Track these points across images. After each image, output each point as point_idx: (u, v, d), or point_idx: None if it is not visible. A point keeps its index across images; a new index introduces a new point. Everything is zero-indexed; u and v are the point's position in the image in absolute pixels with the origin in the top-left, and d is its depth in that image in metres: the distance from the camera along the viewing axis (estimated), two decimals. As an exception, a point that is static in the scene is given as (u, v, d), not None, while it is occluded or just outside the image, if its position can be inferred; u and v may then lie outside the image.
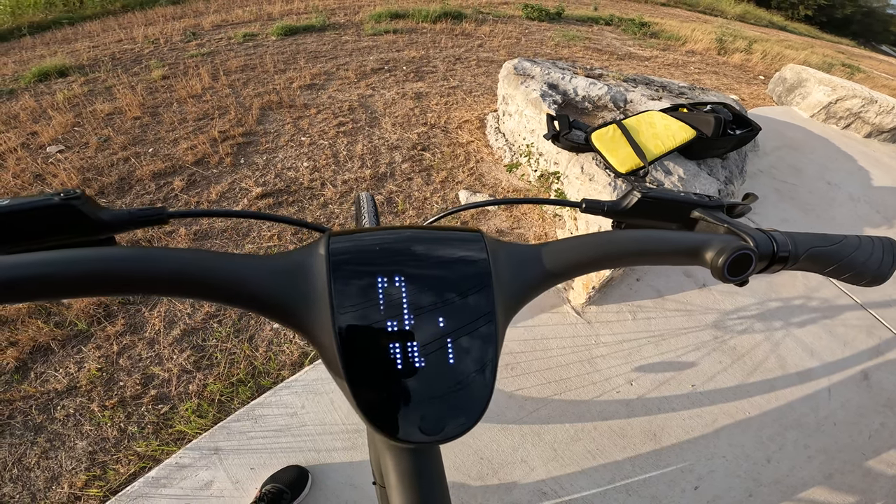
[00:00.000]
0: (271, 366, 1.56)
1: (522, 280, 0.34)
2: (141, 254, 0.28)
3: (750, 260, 0.35)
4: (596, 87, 2.55)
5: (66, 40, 4.90)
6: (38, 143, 2.62)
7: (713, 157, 2.21)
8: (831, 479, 1.49)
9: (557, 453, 1.43)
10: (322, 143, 2.72)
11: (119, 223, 0.38)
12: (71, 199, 0.34)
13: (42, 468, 1.30)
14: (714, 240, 0.36)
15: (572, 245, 0.36)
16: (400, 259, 0.31)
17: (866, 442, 1.60)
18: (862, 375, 1.80)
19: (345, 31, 4.87)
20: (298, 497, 1.20)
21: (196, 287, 0.29)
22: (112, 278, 0.27)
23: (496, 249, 0.34)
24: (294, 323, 0.31)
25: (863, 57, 10.81)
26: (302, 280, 0.31)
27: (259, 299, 0.30)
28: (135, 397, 1.46)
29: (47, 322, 1.62)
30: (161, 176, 2.37)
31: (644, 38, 6.44)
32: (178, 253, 0.29)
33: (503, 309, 0.32)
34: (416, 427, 0.29)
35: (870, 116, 3.68)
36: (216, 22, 5.10)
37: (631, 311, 1.86)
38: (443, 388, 0.30)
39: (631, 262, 0.38)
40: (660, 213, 0.46)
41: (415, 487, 0.33)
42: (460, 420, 0.30)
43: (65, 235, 0.36)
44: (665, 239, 0.37)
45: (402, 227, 0.34)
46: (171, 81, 3.42)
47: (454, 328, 0.30)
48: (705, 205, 0.45)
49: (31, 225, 0.34)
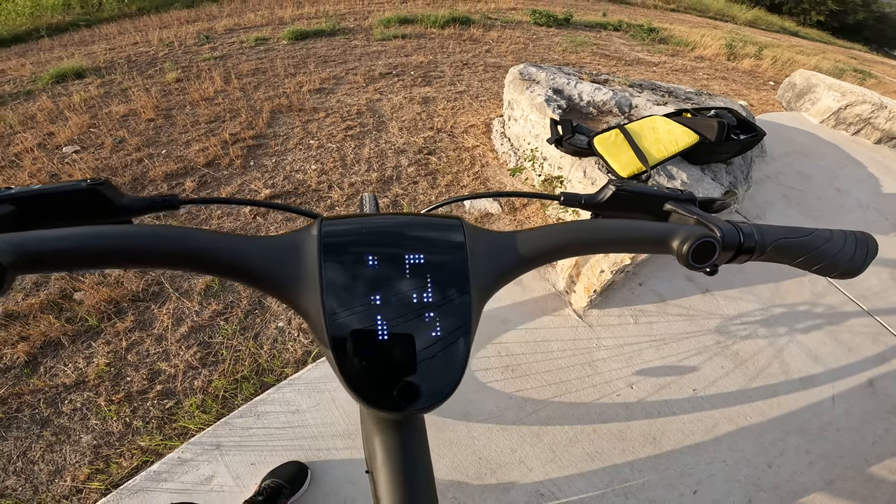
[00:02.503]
0: (275, 363, 1.59)
1: (497, 263, 0.37)
2: (155, 231, 0.31)
3: (713, 248, 0.37)
4: (601, 92, 2.56)
5: (84, 42, 5.01)
6: (55, 144, 2.68)
7: (717, 162, 2.20)
8: (832, 484, 1.48)
9: (556, 455, 1.43)
10: (330, 147, 2.76)
11: (137, 207, 0.43)
12: (97, 184, 0.39)
13: (46, 461, 1.33)
14: (681, 229, 0.38)
15: (546, 232, 0.38)
16: (384, 241, 0.34)
17: (869, 448, 1.59)
18: (867, 382, 1.79)
19: (354, 35, 4.92)
20: (297, 492, 1.22)
21: (202, 262, 0.32)
22: (129, 252, 0.30)
23: (474, 235, 0.37)
24: (287, 296, 0.34)
25: (875, 62, 10.69)
26: (296, 258, 0.34)
27: (256, 274, 0.33)
28: (141, 392, 1.49)
29: (59, 317, 1.66)
30: (173, 177, 2.42)
31: (653, 43, 6.43)
32: (188, 231, 0.32)
33: (478, 289, 0.35)
34: (395, 396, 0.31)
35: (880, 122, 3.65)
36: (229, 26, 5.18)
37: (633, 315, 1.87)
38: (420, 360, 0.32)
39: (603, 250, 0.40)
40: (634, 205, 0.48)
41: (398, 461, 0.36)
42: (437, 390, 0.32)
43: (89, 217, 0.40)
44: (634, 228, 0.40)
45: (388, 214, 0.37)
46: (185, 84, 3.49)
47: (432, 305, 0.33)
48: (677, 198, 0.47)
49: (60, 207, 0.38)
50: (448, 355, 0.33)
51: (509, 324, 1.76)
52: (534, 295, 1.87)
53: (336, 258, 0.33)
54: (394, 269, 0.33)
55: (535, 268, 0.39)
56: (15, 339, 1.59)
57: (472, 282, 0.34)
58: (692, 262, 0.36)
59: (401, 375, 0.32)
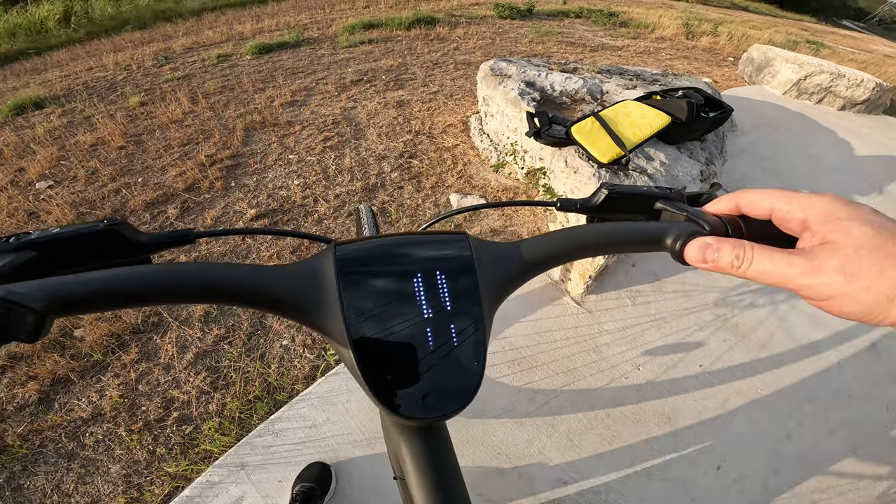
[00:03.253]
0: (285, 381, 1.58)
1: (503, 272, 0.39)
2: (176, 269, 0.32)
3: None
4: (572, 81, 2.61)
5: (36, 70, 4.85)
6: (27, 180, 2.60)
7: (691, 141, 2.27)
8: (857, 452, 1.50)
9: (573, 443, 1.46)
10: (310, 160, 2.74)
11: (154, 244, 0.43)
12: (114, 225, 0.40)
13: (81, 493, 1.33)
14: (672, 227, 0.40)
15: (547, 240, 0.41)
16: (397, 260, 0.36)
17: (885, 414, 1.63)
18: (870, 346, 1.84)
19: (320, 45, 4.88)
20: (328, 493, 1.25)
21: (226, 295, 0.33)
22: (155, 291, 0.31)
23: (479, 247, 0.39)
24: (309, 321, 0.35)
25: (825, 33, 11.05)
26: (315, 284, 0.35)
27: (279, 303, 0.35)
28: (158, 420, 1.49)
29: (63, 355, 1.64)
30: (154, 205, 2.37)
31: (614, 28, 6.54)
32: (209, 267, 0.33)
33: (488, 298, 0.37)
34: (420, 405, 0.33)
35: (840, 90, 3.80)
36: (187, 45, 5.07)
37: (630, 296, 1.91)
38: (440, 369, 0.34)
39: (602, 252, 0.42)
40: (627, 206, 0.51)
41: (429, 466, 0.38)
42: (457, 396, 0.34)
43: (108, 258, 0.41)
44: (630, 229, 0.42)
45: (397, 234, 0.39)
46: (150, 108, 3.41)
47: (447, 316, 0.35)
48: (667, 196, 0.49)
49: (79, 249, 0.39)
50: (466, 362, 0.35)
51: (510, 318, 1.79)
52: (531, 287, 1.90)
53: (353, 280, 0.35)
54: (408, 286, 0.35)
55: (539, 274, 0.41)
56: (23, 378, 1.57)
57: (482, 291, 0.36)
58: (685, 258, 0.39)
59: (425, 385, 0.33)
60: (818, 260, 0.29)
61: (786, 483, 1.42)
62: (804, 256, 0.30)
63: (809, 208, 0.32)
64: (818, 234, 0.31)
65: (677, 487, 1.39)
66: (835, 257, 0.29)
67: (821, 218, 0.31)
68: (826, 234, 0.30)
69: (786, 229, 0.35)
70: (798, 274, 0.30)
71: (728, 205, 0.39)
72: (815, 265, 0.29)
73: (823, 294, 0.29)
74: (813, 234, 0.31)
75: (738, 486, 1.41)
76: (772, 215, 0.35)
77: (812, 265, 0.29)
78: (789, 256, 0.31)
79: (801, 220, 0.32)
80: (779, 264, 0.31)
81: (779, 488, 1.41)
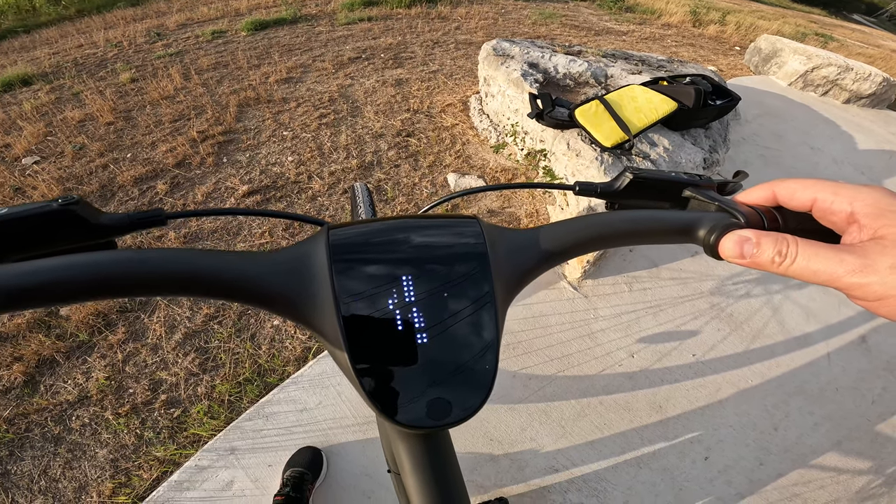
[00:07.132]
0: (276, 363, 1.55)
1: (519, 263, 0.34)
2: (144, 256, 0.28)
3: None
4: (576, 63, 2.55)
5: (25, 48, 4.72)
6: (13, 156, 2.54)
7: (696, 128, 2.23)
8: (840, 446, 1.51)
9: (566, 430, 1.45)
10: (305, 137, 2.68)
11: (119, 227, 0.38)
12: (69, 204, 0.34)
13: (68, 478, 1.31)
14: (705, 218, 0.36)
15: (568, 227, 0.36)
16: (398, 248, 0.32)
17: (870, 407, 1.63)
18: (860, 339, 1.84)
19: (317, 22, 4.76)
20: (319, 477, 1.23)
21: (201, 286, 0.29)
22: (117, 281, 0.27)
23: (492, 234, 0.34)
24: (298, 316, 0.31)
25: (835, 26, 10.88)
26: (304, 274, 0.31)
27: (263, 294, 0.30)
28: (146, 403, 1.46)
29: (48, 335, 1.61)
30: (143, 181, 2.31)
31: (620, 12, 6.42)
32: (181, 253, 0.29)
33: (502, 291, 0.33)
34: (424, 412, 0.29)
35: (847, 83, 3.74)
36: (181, 21, 4.94)
37: (627, 282, 1.88)
38: (447, 371, 0.30)
39: (626, 242, 0.38)
40: (652, 192, 0.47)
41: (430, 472, 0.35)
42: (466, 402, 0.30)
43: (66, 241, 0.36)
44: (658, 218, 0.37)
45: (398, 217, 0.34)
46: (141, 84, 3.32)
47: (454, 313, 0.31)
48: (696, 184, 0.45)
49: (31, 232, 0.34)
50: (476, 365, 0.30)
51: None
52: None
53: (348, 270, 0.30)
54: (411, 278, 0.31)
55: (558, 264, 0.37)
56: (9, 360, 1.54)
57: (495, 284, 0.32)
58: (720, 252, 0.35)
59: (430, 391, 0.29)
60: (870, 257, 0.26)
61: (770, 475, 1.43)
62: (855, 253, 0.27)
63: (858, 200, 0.29)
64: (868, 228, 0.28)
65: (665, 477, 1.39)
66: (889, 255, 0.26)
67: (871, 211, 0.28)
68: (878, 228, 0.27)
69: (827, 223, 0.31)
70: (848, 272, 0.27)
71: (764, 194, 0.35)
72: (867, 263, 0.26)
73: (876, 294, 0.26)
74: (862, 228, 0.28)
75: (724, 478, 1.41)
76: (813, 207, 0.32)
77: (864, 262, 0.26)
78: (839, 253, 0.27)
79: (849, 213, 0.29)
80: (828, 262, 0.27)
81: (763, 480, 1.41)
